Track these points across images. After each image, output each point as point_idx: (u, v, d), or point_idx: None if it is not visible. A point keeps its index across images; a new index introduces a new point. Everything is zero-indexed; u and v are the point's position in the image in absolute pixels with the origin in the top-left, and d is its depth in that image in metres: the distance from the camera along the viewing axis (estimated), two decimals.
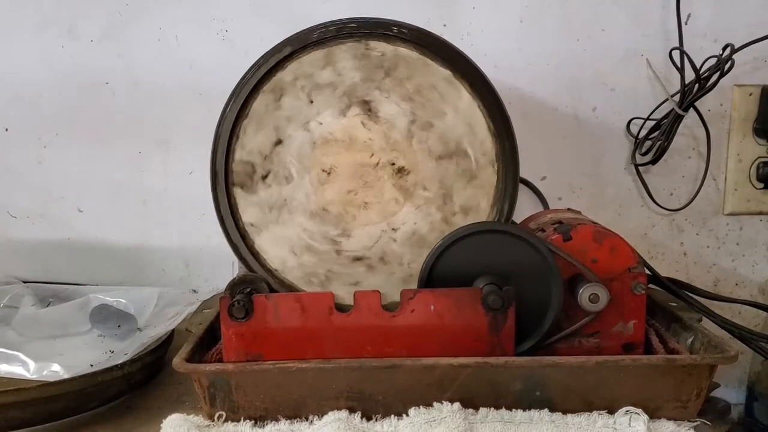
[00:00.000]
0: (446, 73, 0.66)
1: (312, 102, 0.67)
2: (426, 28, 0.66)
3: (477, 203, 0.68)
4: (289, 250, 0.69)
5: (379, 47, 0.66)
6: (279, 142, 0.68)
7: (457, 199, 0.68)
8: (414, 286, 0.64)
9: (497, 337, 0.61)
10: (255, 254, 0.68)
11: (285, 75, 0.66)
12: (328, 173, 0.67)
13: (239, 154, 0.67)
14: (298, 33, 0.66)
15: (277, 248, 0.69)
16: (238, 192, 0.68)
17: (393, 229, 0.68)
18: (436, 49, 0.66)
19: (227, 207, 0.67)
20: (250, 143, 0.67)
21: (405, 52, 0.66)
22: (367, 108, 0.67)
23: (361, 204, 0.68)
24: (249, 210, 0.68)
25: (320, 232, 0.68)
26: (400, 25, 0.66)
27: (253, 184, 0.68)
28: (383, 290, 0.63)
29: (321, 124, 0.67)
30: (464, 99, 0.67)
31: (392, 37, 0.66)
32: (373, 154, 0.67)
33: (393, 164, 0.67)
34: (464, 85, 0.66)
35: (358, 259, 0.68)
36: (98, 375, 0.65)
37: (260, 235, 0.69)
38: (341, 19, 0.65)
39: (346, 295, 0.67)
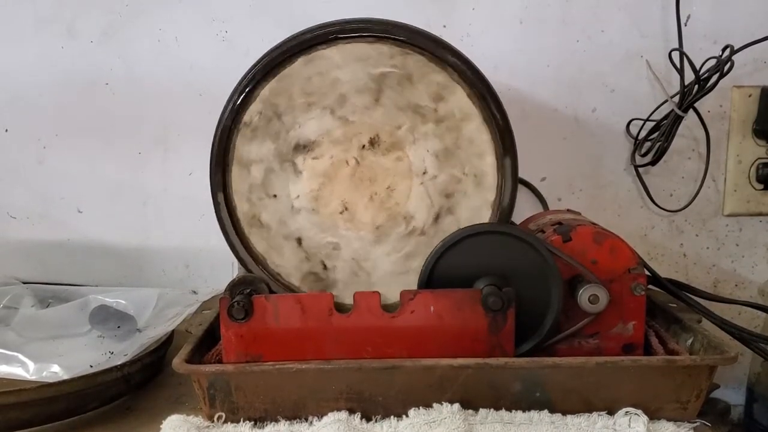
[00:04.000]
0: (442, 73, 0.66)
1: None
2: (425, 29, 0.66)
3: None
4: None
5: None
6: None
7: None
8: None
9: (497, 338, 0.61)
10: (254, 256, 0.68)
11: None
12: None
13: None
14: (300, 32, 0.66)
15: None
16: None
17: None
18: (432, 49, 0.65)
19: (226, 208, 0.67)
20: None
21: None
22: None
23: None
24: None
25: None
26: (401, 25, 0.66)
27: None
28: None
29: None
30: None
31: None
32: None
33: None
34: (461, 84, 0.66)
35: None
36: (98, 376, 0.65)
37: None
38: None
39: None
